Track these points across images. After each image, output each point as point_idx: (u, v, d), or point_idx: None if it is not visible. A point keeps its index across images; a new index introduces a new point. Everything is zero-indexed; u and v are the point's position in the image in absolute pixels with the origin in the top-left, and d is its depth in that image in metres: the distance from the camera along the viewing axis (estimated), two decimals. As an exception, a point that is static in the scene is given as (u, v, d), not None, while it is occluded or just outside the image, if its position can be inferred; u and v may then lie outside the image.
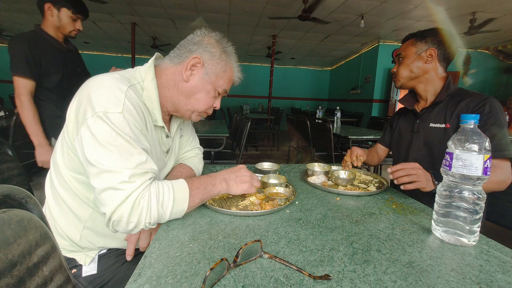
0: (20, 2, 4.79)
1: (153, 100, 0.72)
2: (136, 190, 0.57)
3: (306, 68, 9.92)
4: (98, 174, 0.56)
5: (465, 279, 0.47)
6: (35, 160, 1.49)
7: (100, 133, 0.57)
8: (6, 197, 0.39)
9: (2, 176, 0.83)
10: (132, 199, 0.56)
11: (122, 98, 0.62)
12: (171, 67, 0.76)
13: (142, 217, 0.57)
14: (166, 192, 0.62)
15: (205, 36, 0.76)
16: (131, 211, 0.56)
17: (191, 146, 1.02)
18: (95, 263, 0.75)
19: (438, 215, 0.64)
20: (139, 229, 0.59)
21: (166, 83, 0.76)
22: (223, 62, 0.76)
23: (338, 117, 3.64)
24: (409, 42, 1.11)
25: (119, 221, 0.57)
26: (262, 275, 0.46)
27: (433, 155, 1.08)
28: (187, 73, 0.74)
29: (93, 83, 0.63)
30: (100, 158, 0.56)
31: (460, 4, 4.17)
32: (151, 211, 0.58)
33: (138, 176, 0.58)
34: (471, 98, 1.00)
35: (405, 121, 1.23)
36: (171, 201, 0.61)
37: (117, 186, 0.56)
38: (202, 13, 5.04)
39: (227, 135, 2.50)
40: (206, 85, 0.76)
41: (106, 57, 9.01)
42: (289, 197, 0.82)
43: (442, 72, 1.09)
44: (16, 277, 0.33)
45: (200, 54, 0.74)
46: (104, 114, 0.58)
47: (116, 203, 0.55)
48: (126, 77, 0.69)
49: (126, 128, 0.60)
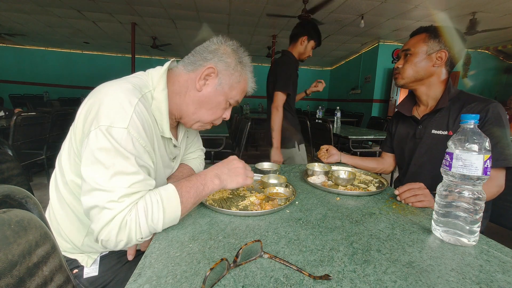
0: (20, 2, 4.79)
1: (162, 111, 0.70)
2: (124, 210, 0.55)
3: (306, 68, 9.92)
4: (89, 191, 0.55)
5: (465, 279, 0.47)
6: (35, 160, 1.49)
7: (99, 149, 0.56)
8: (6, 197, 0.39)
9: (2, 176, 0.83)
10: (118, 219, 0.55)
11: (130, 112, 0.60)
12: (184, 74, 0.74)
13: (132, 235, 0.56)
14: (154, 205, 0.59)
15: (221, 45, 0.74)
16: (118, 231, 0.55)
17: (195, 147, 1.01)
18: (96, 264, 0.74)
19: (438, 215, 0.64)
20: (132, 245, 0.59)
21: (178, 90, 0.73)
22: (238, 73, 0.74)
23: (338, 117, 3.64)
24: (420, 38, 1.03)
25: (107, 241, 0.55)
26: (262, 275, 0.46)
27: (435, 162, 1.03)
28: (201, 83, 0.72)
29: (105, 92, 0.62)
30: (94, 175, 0.55)
31: (460, 4, 4.17)
32: (140, 227, 0.57)
33: (128, 196, 0.56)
34: (474, 104, 0.96)
35: (405, 126, 1.18)
36: (161, 213, 0.59)
37: (105, 205, 0.54)
38: (202, 13, 5.04)
39: (227, 135, 2.50)
40: (218, 96, 0.74)
41: (106, 57, 9.02)
42: (289, 197, 0.82)
43: (445, 75, 1.04)
44: (16, 277, 0.33)
45: (215, 63, 0.72)
46: (108, 129, 0.57)
47: (103, 223, 0.54)
48: (138, 85, 0.67)
49: (129, 144, 0.58)
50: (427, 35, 1.02)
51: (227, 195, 0.85)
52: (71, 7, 4.98)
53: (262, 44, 7.24)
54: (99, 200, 0.54)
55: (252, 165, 1.19)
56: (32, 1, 4.73)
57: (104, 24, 5.98)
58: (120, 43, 7.61)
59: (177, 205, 0.62)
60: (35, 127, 2.50)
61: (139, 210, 0.57)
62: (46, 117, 2.63)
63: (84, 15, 5.43)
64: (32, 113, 2.45)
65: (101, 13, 5.29)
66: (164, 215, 0.59)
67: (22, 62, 8.56)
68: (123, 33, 6.54)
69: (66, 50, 8.77)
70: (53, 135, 2.77)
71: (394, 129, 1.26)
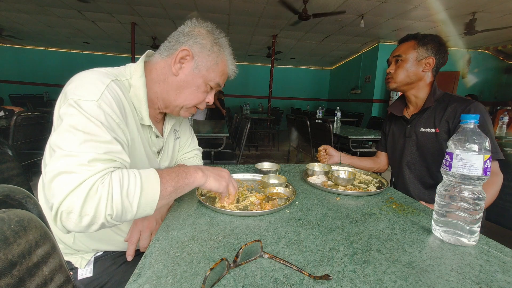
0: (20, 2, 4.78)
1: (140, 97, 0.69)
2: (95, 175, 0.47)
3: (306, 68, 9.92)
4: (56, 159, 0.48)
5: (465, 279, 0.47)
6: (35, 160, 1.49)
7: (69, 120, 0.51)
8: (6, 197, 0.39)
9: (2, 176, 0.83)
10: (87, 185, 0.46)
11: (102, 89, 0.57)
12: (160, 60, 0.72)
13: (100, 208, 0.47)
14: (132, 179, 0.52)
15: (195, 27, 0.72)
16: (85, 199, 0.46)
17: (190, 147, 1.00)
18: (90, 265, 0.73)
19: (438, 215, 0.64)
20: (98, 225, 0.48)
21: (156, 78, 0.72)
22: (215, 54, 0.72)
23: (338, 117, 3.63)
24: (410, 45, 1.11)
25: (69, 213, 0.45)
26: (262, 275, 0.46)
27: (426, 158, 1.12)
28: (176, 66, 0.70)
29: (75, 78, 0.60)
30: (62, 142, 0.49)
31: (460, 4, 4.17)
32: (112, 200, 0.48)
33: (101, 162, 0.49)
34: (457, 103, 1.04)
35: (397, 126, 1.27)
36: (138, 189, 0.52)
37: (72, 169, 0.46)
38: (202, 13, 5.04)
39: (227, 135, 2.50)
40: (197, 79, 0.72)
41: (106, 57, 9.01)
42: (289, 197, 0.82)
43: (431, 78, 1.13)
44: (16, 277, 0.33)
45: (190, 46, 0.70)
46: (76, 101, 0.53)
47: (67, 190, 0.45)
48: (114, 73, 0.66)
49: (100, 116, 0.54)
50: (416, 42, 1.10)
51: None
52: (71, 7, 4.98)
53: (262, 44, 7.23)
54: (66, 165, 0.47)
55: (252, 165, 1.19)
56: (32, 1, 4.72)
57: (104, 24, 5.98)
58: (120, 43, 7.61)
59: (156, 185, 0.55)
60: (35, 127, 2.50)
61: (114, 179, 0.49)
62: (46, 117, 2.63)
63: (84, 15, 5.43)
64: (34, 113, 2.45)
65: (101, 13, 5.28)
66: (141, 193, 0.52)
67: (22, 62, 8.55)
68: (123, 33, 6.54)
69: (66, 50, 8.76)
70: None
71: (387, 129, 1.33)
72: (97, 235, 0.72)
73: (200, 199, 0.77)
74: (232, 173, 1.03)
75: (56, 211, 0.46)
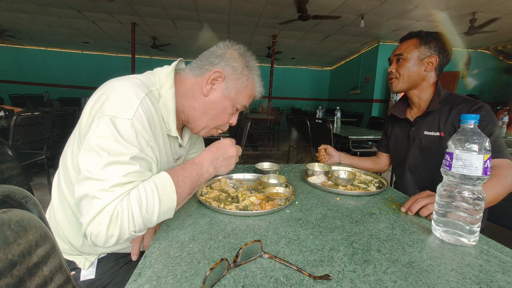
0: (20, 2, 4.79)
1: (169, 109, 0.70)
2: (115, 201, 0.52)
3: (306, 68, 9.92)
4: (82, 181, 0.53)
5: (465, 279, 0.47)
6: (35, 160, 1.49)
7: (99, 136, 0.54)
8: (6, 197, 0.39)
9: (2, 176, 0.83)
10: (109, 210, 0.51)
11: (136, 105, 0.59)
12: (191, 78, 0.74)
13: (124, 228, 0.52)
14: (149, 194, 0.56)
15: (228, 49, 0.74)
16: (109, 223, 0.51)
17: (197, 148, 1.01)
18: (94, 267, 0.74)
19: (438, 215, 0.64)
20: (124, 239, 0.55)
21: (184, 93, 0.74)
22: (245, 78, 0.74)
23: (338, 117, 3.63)
24: (412, 43, 1.06)
25: (96, 235, 0.51)
26: (262, 275, 0.46)
27: (429, 162, 1.08)
28: (207, 87, 0.72)
29: (112, 85, 0.62)
30: (88, 163, 0.53)
31: (460, 4, 4.17)
32: (134, 219, 0.53)
33: (121, 186, 0.53)
34: (462, 105, 1.00)
35: (399, 128, 1.22)
36: (157, 203, 0.56)
37: (95, 194, 0.51)
38: (202, 13, 5.04)
39: (227, 135, 2.50)
40: (225, 101, 0.74)
41: (106, 57, 9.01)
42: (289, 197, 0.82)
43: (434, 78, 1.08)
44: (16, 277, 0.33)
45: (222, 68, 0.72)
46: (112, 119, 0.56)
47: (92, 214, 0.51)
48: (145, 82, 0.67)
49: (131, 136, 0.57)
50: (418, 40, 1.05)
51: (227, 194, 0.85)
52: (71, 7, 4.98)
53: (262, 44, 7.23)
54: (89, 189, 0.52)
55: (252, 165, 1.19)
56: (32, 1, 4.72)
57: (104, 24, 5.98)
58: (120, 43, 7.61)
59: (173, 194, 0.59)
60: (35, 127, 2.49)
61: (132, 200, 0.53)
62: (46, 117, 2.63)
63: (84, 15, 5.43)
64: (34, 113, 2.45)
65: (101, 13, 5.28)
66: (160, 205, 0.56)
67: (22, 62, 8.55)
68: (123, 33, 6.54)
69: (66, 50, 8.76)
70: (53, 135, 2.77)
71: (389, 130, 1.29)
72: None
73: (200, 199, 0.77)
74: (232, 173, 1.03)
75: (84, 231, 0.52)
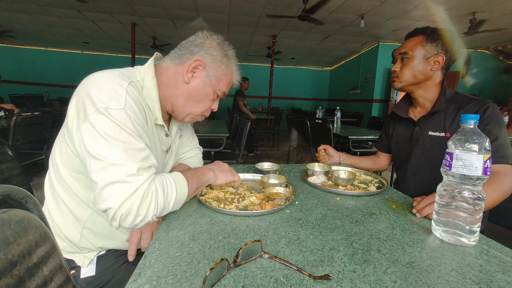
0: (20, 2, 4.78)
1: (153, 98, 0.72)
2: (145, 183, 0.57)
3: (306, 68, 9.92)
4: (103, 168, 0.55)
5: (465, 279, 0.47)
6: (35, 160, 1.49)
7: (104, 128, 0.57)
8: (6, 197, 0.39)
9: (2, 176, 0.83)
10: (141, 192, 0.56)
11: (123, 94, 0.61)
12: (171, 67, 0.76)
13: (150, 209, 0.57)
14: (169, 183, 0.63)
15: (207, 39, 0.77)
16: (140, 203, 0.56)
17: (191, 146, 1.02)
18: (93, 264, 0.74)
19: (438, 215, 0.64)
20: (146, 222, 0.59)
21: (167, 83, 0.76)
22: (224, 66, 0.77)
23: (338, 117, 3.63)
24: (417, 41, 1.01)
25: (127, 215, 0.55)
26: (262, 275, 0.46)
27: (433, 163, 1.03)
28: (189, 75, 0.74)
29: (92, 80, 0.62)
30: (105, 152, 0.56)
31: (460, 4, 4.17)
32: (158, 202, 0.59)
33: (144, 170, 0.58)
34: (470, 104, 0.96)
35: (402, 127, 1.18)
36: (174, 191, 0.63)
37: (125, 179, 0.55)
38: (202, 13, 5.04)
39: (227, 135, 2.50)
40: (207, 88, 0.77)
41: (106, 57, 9.01)
42: (289, 197, 0.82)
43: (440, 77, 1.04)
44: (16, 277, 0.33)
45: (202, 56, 0.74)
46: (106, 110, 0.58)
47: (125, 196, 0.55)
48: (126, 74, 0.68)
49: (129, 123, 0.60)
50: (424, 38, 1.00)
51: (227, 194, 0.85)
52: (71, 7, 4.98)
53: (262, 44, 7.23)
54: (117, 175, 0.55)
55: (252, 165, 1.19)
56: (32, 1, 4.72)
57: (104, 24, 5.98)
58: (120, 43, 7.61)
59: (185, 186, 0.67)
60: (35, 127, 2.49)
61: (158, 186, 0.60)
62: (46, 117, 2.63)
63: (84, 15, 5.43)
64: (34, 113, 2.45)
65: (101, 13, 5.28)
66: (176, 194, 0.63)
67: (22, 62, 8.55)
68: (123, 33, 6.54)
69: (66, 50, 8.76)
70: (53, 135, 2.77)
71: (391, 130, 1.25)
72: (103, 232, 0.74)
73: (200, 199, 0.77)
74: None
75: (114, 213, 0.55)
